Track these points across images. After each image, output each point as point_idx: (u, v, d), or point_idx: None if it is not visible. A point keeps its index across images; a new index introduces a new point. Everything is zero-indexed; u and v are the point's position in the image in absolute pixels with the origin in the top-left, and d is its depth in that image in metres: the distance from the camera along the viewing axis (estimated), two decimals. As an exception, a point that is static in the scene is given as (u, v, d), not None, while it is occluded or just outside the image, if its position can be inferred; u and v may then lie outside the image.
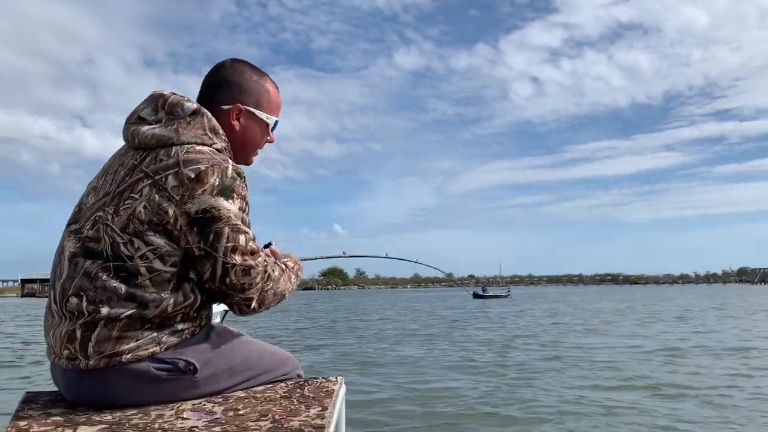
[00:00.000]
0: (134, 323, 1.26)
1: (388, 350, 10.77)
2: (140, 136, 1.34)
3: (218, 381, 1.36)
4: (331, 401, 1.30)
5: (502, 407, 5.75)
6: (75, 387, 1.30)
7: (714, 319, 18.23)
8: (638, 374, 7.54)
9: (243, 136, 1.47)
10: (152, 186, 1.27)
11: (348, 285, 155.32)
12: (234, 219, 1.29)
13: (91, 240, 1.29)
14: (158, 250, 1.26)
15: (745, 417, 5.13)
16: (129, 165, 1.33)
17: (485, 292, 55.22)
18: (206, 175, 1.26)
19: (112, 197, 1.30)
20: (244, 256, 1.31)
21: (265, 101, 1.50)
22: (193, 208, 1.25)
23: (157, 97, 1.40)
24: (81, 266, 1.27)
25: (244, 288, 1.32)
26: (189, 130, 1.34)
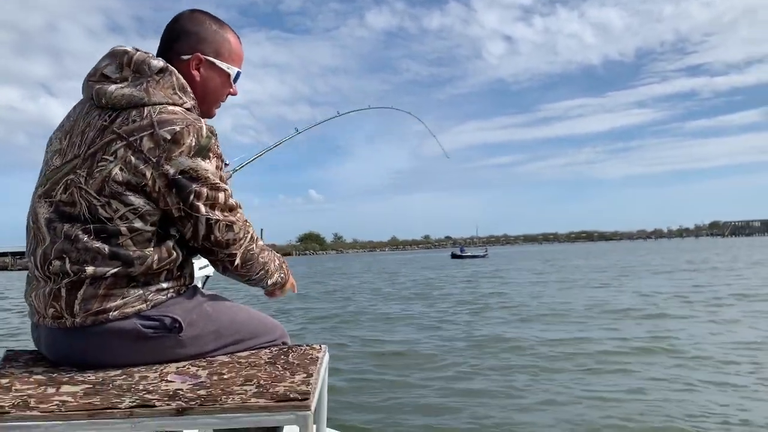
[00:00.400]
0: (120, 281, 1.26)
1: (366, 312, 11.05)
2: (108, 96, 1.30)
3: (203, 343, 1.36)
4: (315, 368, 1.31)
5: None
6: (60, 346, 1.30)
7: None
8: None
9: (204, 87, 1.44)
10: (127, 147, 1.25)
11: (326, 250, 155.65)
12: (212, 178, 1.29)
13: (65, 204, 1.28)
14: (138, 210, 1.26)
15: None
16: (98, 126, 1.29)
17: (463, 253, 56.05)
18: (182, 136, 1.25)
19: (83, 159, 1.28)
20: (224, 212, 1.32)
21: (225, 51, 1.46)
22: (171, 170, 1.25)
23: (121, 53, 1.35)
24: (60, 230, 1.26)
25: (228, 243, 1.33)
26: (159, 89, 1.31)
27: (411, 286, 13.88)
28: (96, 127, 1.29)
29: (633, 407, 4.32)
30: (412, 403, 4.79)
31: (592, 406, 4.41)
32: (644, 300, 11.81)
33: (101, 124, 1.29)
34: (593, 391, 4.81)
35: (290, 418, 1.13)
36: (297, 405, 1.13)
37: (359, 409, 4.70)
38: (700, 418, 4.06)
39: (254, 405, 1.12)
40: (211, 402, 1.11)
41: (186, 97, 1.36)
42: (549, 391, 4.91)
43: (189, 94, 1.38)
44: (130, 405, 1.09)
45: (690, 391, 4.79)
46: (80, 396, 1.14)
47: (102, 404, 1.10)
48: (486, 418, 4.25)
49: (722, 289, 13.44)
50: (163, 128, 1.25)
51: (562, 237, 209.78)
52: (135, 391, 1.16)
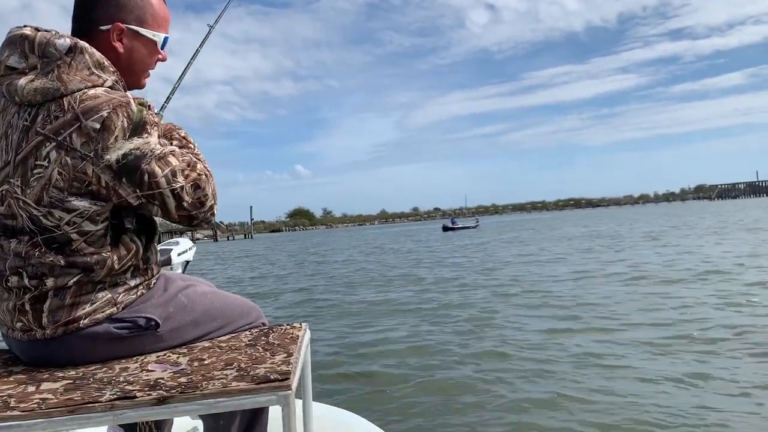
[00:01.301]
0: (85, 287, 1.22)
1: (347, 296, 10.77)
2: (21, 93, 1.19)
3: (182, 333, 1.36)
4: (296, 347, 1.31)
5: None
6: (33, 354, 1.28)
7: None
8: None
9: (129, 58, 1.33)
10: (58, 148, 1.16)
11: (315, 225, 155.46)
12: (157, 149, 1.21)
13: (5, 217, 1.21)
14: (84, 213, 1.19)
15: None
16: (20, 126, 1.19)
17: (454, 225, 55.91)
18: (111, 120, 1.16)
19: (14, 167, 1.19)
20: (185, 172, 1.24)
21: (149, 17, 1.34)
22: (113, 158, 1.16)
23: (20, 39, 1.22)
24: (7, 248, 1.21)
25: (202, 201, 1.27)
26: (74, 74, 1.20)
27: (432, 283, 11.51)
28: (18, 128, 1.20)
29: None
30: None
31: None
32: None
33: (23, 124, 1.20)
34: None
35: (272, 399, 1.13)
36: (278, 385, 1.13)
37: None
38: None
39: (235, 389, 1.12)
40: (192, 389, 1.11)
41: (105, 74, 1.25)
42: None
43: (108, 70, 1.26)
44: (111, 398, 1.09)
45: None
46: (60, 392, 1.13)
47: (82, 399, 1.09)
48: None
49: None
50: (89, 118, 1.16)
51: (550, 205, 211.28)
52: (116, 383, 1.16)
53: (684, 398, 3.89)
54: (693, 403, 3.77)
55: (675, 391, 4.03)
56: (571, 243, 21.37)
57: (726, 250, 13.87)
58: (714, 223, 29.44)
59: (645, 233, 23.43)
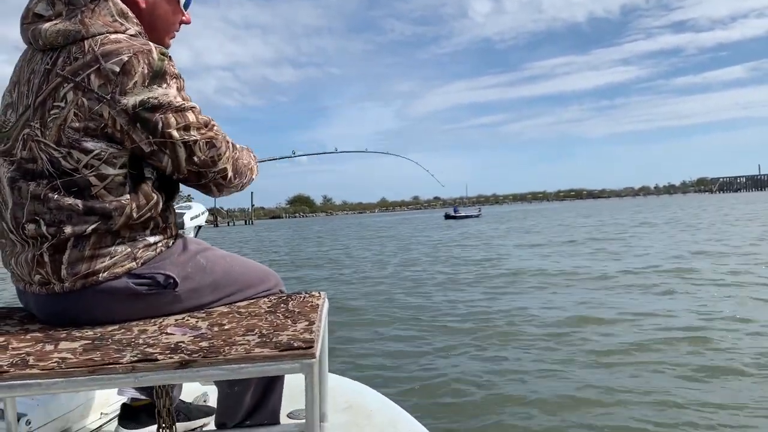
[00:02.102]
0: (104, 239, 1.20)
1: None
2: (44, 36, 1.20)
3: (200, 295, 1.34)
4: (317, 315, 1.30)
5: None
6: (51, 310, 1.26)
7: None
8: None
9: (151, 14, 1.33)
10: (75, 89, 1.16)
11: (315, 212, 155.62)
12: (176, 101, 1.20)
13: (26, 161, 1.20)
14: (101, 155, 1.18)
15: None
16: (41, 71, 1.20)
17: (457, 213, 55.77)
18: (132, 65, 1.16)
19: (33, 110, 1.19)
20: (201, 130, 1.24)
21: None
22: (129, 103, 1.16)
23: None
24: (26, 191, 1.19)
25: (215, 161, 1.27)
26: (96, 18, 1.21)
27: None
28: (40, 73, 1.20)
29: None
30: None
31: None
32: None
33: (44, 68, 1.20)
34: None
35: (295, 367, 1.11)
36: (301, 353, 1.11)
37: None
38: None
39: (258, 355, 1.10)
40: (215, 354, 1.09)
41: (128, 23, 1.26)
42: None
43: (132, 20, 1.27)
44: (132, 360, 1.07)
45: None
46: (80, 352, 1.11)
47: (103, 360, 1.08)
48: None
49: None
50: (109, 61, 1.15)
51: (551, 196, 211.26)
52: (135, 345, 1.14)
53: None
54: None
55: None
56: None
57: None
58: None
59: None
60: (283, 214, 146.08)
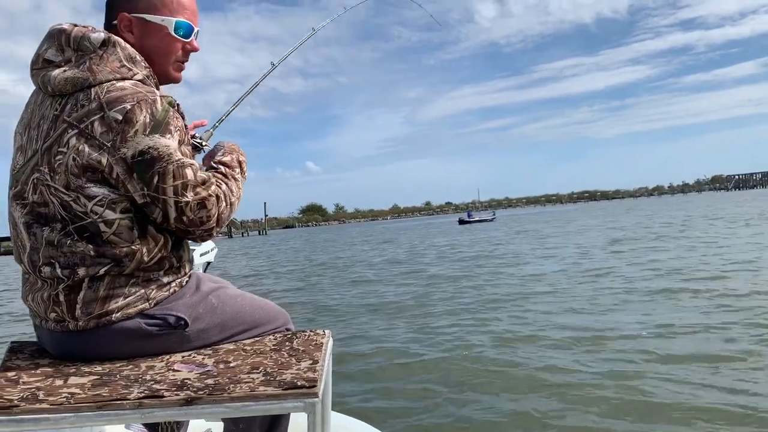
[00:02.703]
0: (118, 280, 1.23)
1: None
2: (53, 83, 1.22)
3: (209, 335, 1.36)
4: (321, 354, 1.31)
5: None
6: (63, 347, 1.29)
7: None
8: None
9: (143, 48, 1.31)
10: (79, 135, 1.18)
11: (328, 221, 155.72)
12: (176, 154, 1.21)
13: (39, 205, 1.23)
14: (103, 200, 1.20)
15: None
16: (50, 116, 1.23)
17: (471, 218, 54.76)
18: (134, 113, 1.17)
19: (41, 155, 1.22)
20: (196, 189, 1.24)
21: (157, 2, 1.32)
22: (129, 152, 1.17)
23: (58, 33, 1.26)
24: (41, 236, 1.22)
25: (203, 222, 1.27)
26: (104, 65, 1.22)
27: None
28: (48, 118, 1.23)
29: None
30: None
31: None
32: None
33: (53, 114, 1.23)
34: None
35: (298, 406, 1.13)
36: (305, 392, 1.13)
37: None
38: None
39: (262, 393, 1.12)
40: (220, 391, 1.12)
41: (137, 67, 1.27)
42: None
43: (140, 64, 1.28)
44: (139, 396, 1.10)
45: None
46: (88, 387, 1.14)
47: (110, 395, 1.10)
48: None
49: None
50: (113, 108, 1.17)
51: (564, 198, 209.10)
52: (142, 381, 1.16)
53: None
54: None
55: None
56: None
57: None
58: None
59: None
60: (295, 223, 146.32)
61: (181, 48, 1.37)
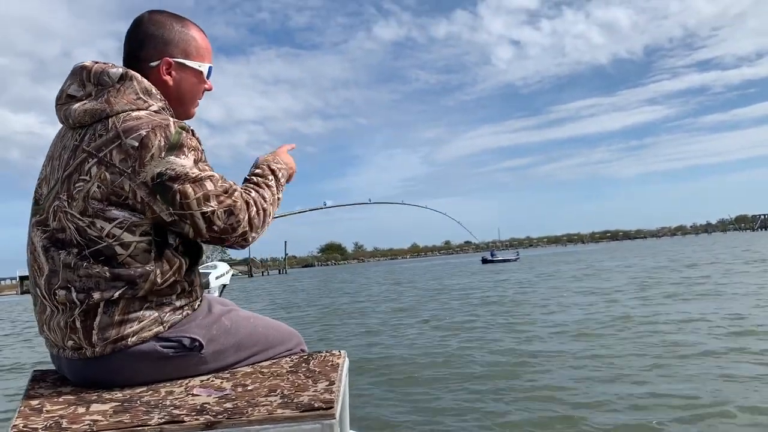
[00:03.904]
0: (132, 304, 1.26)
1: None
2: (73, 115, 1.29)
3: (225, 357, 1.37)
4: (337, 375, 1.32)
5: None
6: (83, 374, 1.31)
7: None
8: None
9: (178, 90, 1.41)
10: (99, 164, 1.23)
11: (347, 260, 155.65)
12: (192, 171, 1.25)
13: (57, 231, 1.28)
14: (124, 223, 1.24)
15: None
16: (71, 147, 1.29)
17: (494, 257, 53.55)
18: (149, 139, 1.22)
19: (62, 183, 1.28)
20: (220, 198, 1.27)
21: (193, 49, 1.42)
22: (148, 176, 1.22)
23: (80, 70, 1.34)
24: (58, 259, 1.26)
25: (234, 228, 1.29)
26: (121, 97, 1.29)
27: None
28: (69, 149, 1.29)
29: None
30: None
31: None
32: None
33: (73, 144, 1.29)
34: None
35: (316, 428, 1.13)
36: (322, 414, 1.13)
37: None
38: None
39: (280, 416, 1.12)
40: (238, 414, 1.12)
41: (152, 99, 1.33)
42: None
43: (155, 96, 1.34)
44: (160, 421, 1.11)
45: None
46: (110, 414, 1.16)
47: (132, 422, 1.11)
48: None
49: None
50: (129, 136, 1.22)
51: (586, 237, 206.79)
52: (162, 407, 1.18)
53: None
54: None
55: None
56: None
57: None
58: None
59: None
60: (315, 262, 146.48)
61: (203, 90, 1.48)
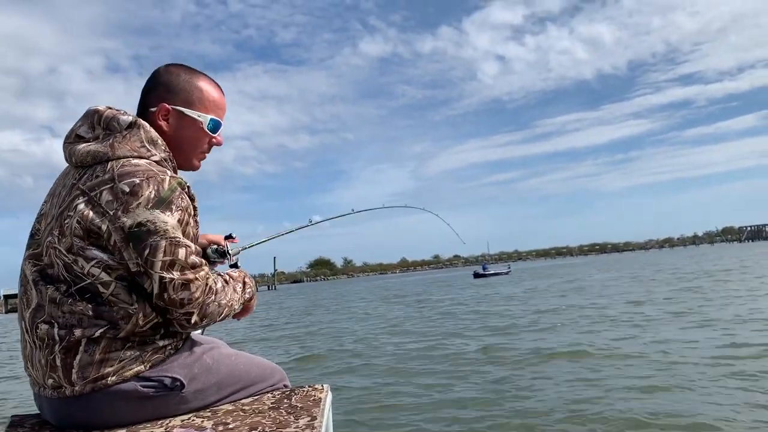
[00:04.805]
0: (114, 344, 1.25)
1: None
2: (77, 155, 1.32)
3: (206, 396, 1.37)
4: (319, 410, 1.32)
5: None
6: (63, 414, 1.30)
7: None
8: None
9: (176, 137, 1.41)
10: (87, 202, 1.25)
11: (336, 275, 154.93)
12: (172, 231, 1.24)
13: (48, 266, 1.29)
14: (100, 263, 1.24)
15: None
16: (69, 185, 1.32)
17: (486, 271, 53.03)
18: (141, 187, 1.22)
19: (55, 219, 1.29)
20: (184, 270, 1.25)
21: (195, 99, 1.42)
22: (128, 222, 1.21)
23: (92, 113, 1.37)
24: (46, 294, 1.26)
25: (183, 303, 1.26)
26: (125, 144, 1.31)
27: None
28: (67, 187, 1.32)
29: None
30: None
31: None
32: None
33: (71, 182, 1.32)
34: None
35: (297, 464, 1.14)
36: (302, 450, 1.13)
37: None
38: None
39: (260, 454, 1.12)
40: (218, 454, 1.12)
41: (156, 149, 1.34)
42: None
43: (160, 147, 1.36)
44: (138, 463, 1.11)
45: None
46: (89, 458, 1.15)
47: (110, 465, 1.11)
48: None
49: None
50: (123, 181, 1.24)
51: (575, 250, 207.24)
52: (142, 448, 1.17)
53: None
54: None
55: None
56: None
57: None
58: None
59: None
60: (304, 277, 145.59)
61: (208, 142, 1.47)
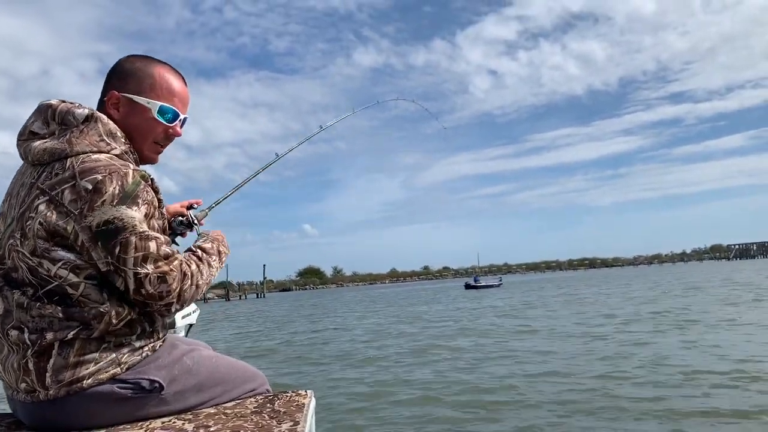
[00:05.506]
0: (88, 345, 1.22)
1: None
2: (33, 152, 1.27)
3: (186, 398, 1.35)
4: (302, 415, 1.31)
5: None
6: (36, 417, 1.28)
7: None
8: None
9: (125, 126, 1.35)
10: (49, 202, 1.21)
11: (326, 284, 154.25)
12: (140, 226, 1.22)
13: (12, 270, 1.25)
14: (68, 264, 1.21)
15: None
16: (28, 184, 1.27)
17: (477, 283, 53.37)
18: (104, 184, 1.19)
19: (16, 221, 1.25)
20: (158, 263, 1.24)
21: (147, 86, 1.38)
22: (94, 221, 1.18)
23: (45, 108, 1.32)
24: (12, 299, 1.23)
25: (161, 296, 1.25)
26: (83, 138, 1.27)
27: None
28: (26, 186, 1.27)
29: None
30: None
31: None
32: None
33: (30, 182, 1.27)
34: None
35: (277, 470, 1.13)
36: (284, 455, 1.13)
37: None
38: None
39: (241, 458, 1.11)
40: (198, 457, 1.11)
41: (115, 142, 1.31)
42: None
43: (119, 139, 1.32)
44: (117, 465, 1.09)
45: None
46: (66, 458, 1.14)
47: (88, 465, 1.10)
48: None
49: None
50: (84, 178, 1.20)
51: (564, 264, 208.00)
52: (122, 449, 1.16)
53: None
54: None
55: None
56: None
57: None
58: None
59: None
60: (293, 286, 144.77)
61: (163, 131, 1.41)
